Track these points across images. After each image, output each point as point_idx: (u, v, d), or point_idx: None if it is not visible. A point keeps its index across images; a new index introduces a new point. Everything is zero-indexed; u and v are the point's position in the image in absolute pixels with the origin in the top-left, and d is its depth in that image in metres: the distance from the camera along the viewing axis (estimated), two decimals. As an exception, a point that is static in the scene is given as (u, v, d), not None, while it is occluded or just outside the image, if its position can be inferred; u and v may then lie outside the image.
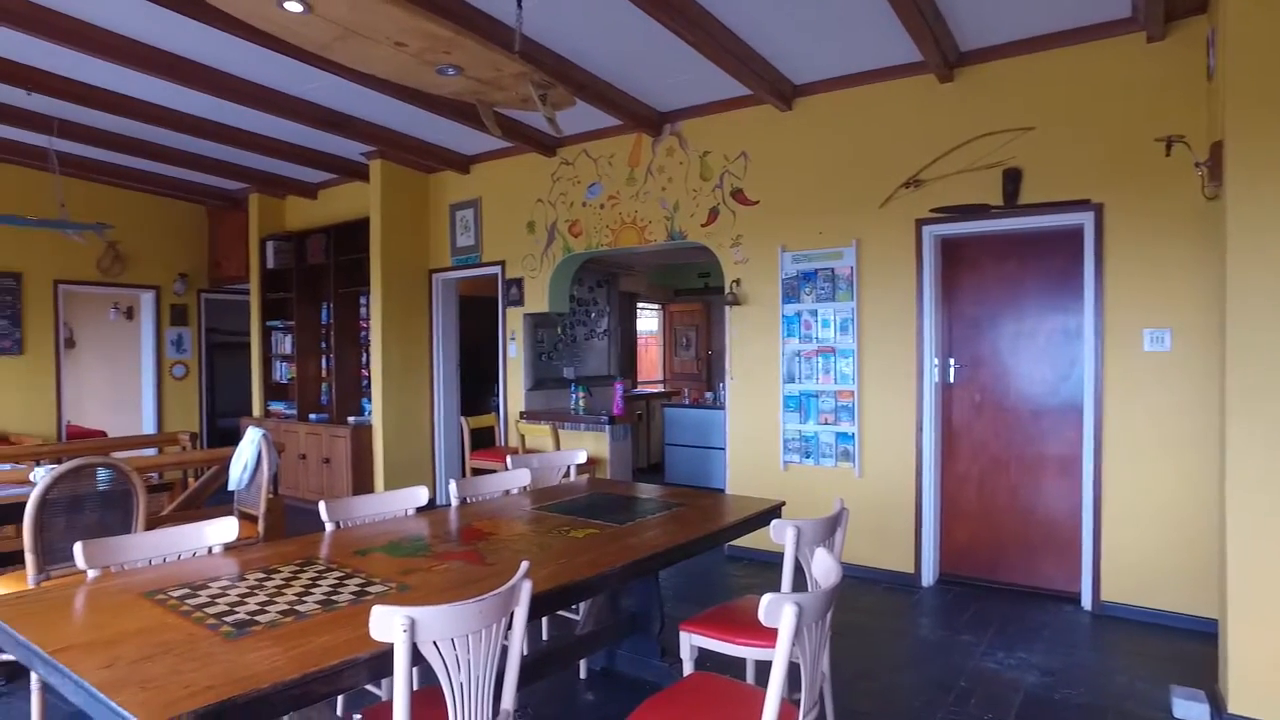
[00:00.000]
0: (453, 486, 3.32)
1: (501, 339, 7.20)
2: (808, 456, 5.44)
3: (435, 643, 1.75)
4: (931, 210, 4.93)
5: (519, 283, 7.01)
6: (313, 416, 8.06)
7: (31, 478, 3.94)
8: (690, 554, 2.96)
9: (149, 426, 9.27)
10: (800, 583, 2.70)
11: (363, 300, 7.91)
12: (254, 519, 4.50)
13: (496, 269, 7.17)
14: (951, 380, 5.12)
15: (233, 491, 4.74)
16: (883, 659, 3.92)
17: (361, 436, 7.34)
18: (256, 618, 1.95)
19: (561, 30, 4.54)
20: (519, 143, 6.41)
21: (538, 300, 6.93)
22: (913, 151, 4.99)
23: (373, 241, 7.25)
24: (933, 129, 4.92)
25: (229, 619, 1.94)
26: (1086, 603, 4.56)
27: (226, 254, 9.27)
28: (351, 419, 7.61)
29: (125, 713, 1.46)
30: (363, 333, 7.96)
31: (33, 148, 6.91)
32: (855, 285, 5.22)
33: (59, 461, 4.04)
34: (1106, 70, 4.43)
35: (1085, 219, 4.50)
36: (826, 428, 5.35)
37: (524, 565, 1.99)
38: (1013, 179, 4.65)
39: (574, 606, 3.69)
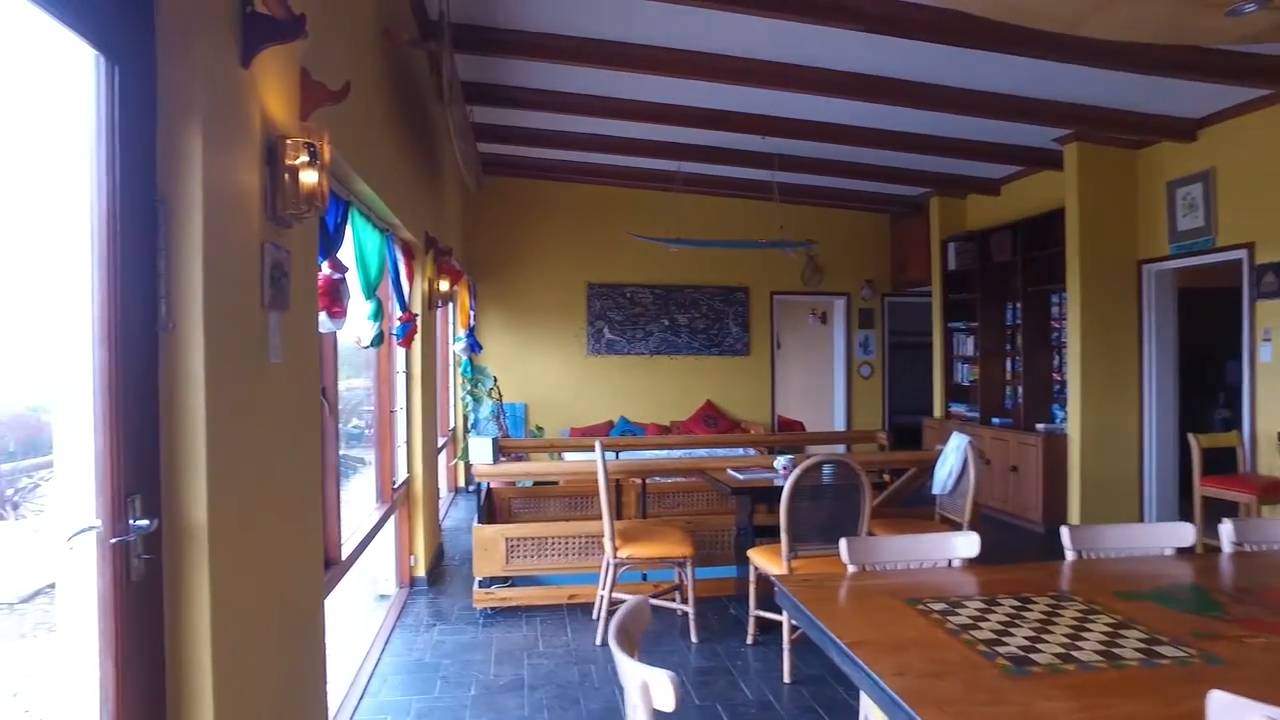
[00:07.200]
0: (1226, 527, 2.67)
1: (1248, 340, 5.75)
2: None
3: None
4: None
5: (1276, 268, 5.54)
6: (995, 420, 7.78)
7: (775, 465, 4.57)
8: None
9: (839, 422, 10.25)
10: None
11: (1054, 299, 7.31)
12: (955, 525, 4.46)
13: (1238, 254, 5.78)
14: None
15: (934, 495, 4.78)
16: None
17: (1054, 446, 6.76)
18: (1031, 655, 1.78)
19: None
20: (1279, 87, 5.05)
21: (1299, 288, 5.39)
22: None
23: (1069, 234, 6.61)
24: None
25: (1000, 650, 1.81)
26: None
27: (908, 258, 9.69)
28: (1040, 426, 7.08)
29: (935, 734, 1.42)
30: (1054, 333, 7.36)
31: (759, 183, 8.22)
32: None
33: (774, 450, 4.60)
34: None
35: None
36: None
37: None
38: None
39: None
